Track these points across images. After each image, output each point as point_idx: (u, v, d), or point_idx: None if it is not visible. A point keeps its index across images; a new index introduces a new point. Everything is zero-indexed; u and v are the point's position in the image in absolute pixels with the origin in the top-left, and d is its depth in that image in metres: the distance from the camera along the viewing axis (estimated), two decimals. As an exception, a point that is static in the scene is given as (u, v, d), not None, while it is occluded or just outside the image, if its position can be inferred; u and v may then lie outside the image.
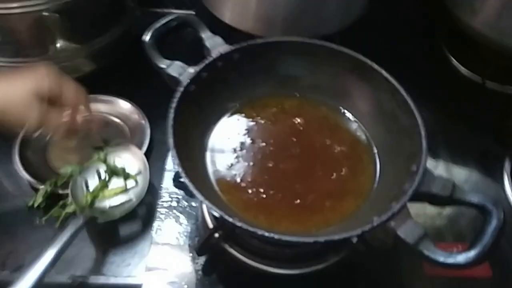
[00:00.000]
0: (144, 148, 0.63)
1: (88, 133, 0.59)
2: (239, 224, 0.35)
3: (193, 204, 0.56)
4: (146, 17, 0.74)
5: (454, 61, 0.71)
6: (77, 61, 0.68)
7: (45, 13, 0.60)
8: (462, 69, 0.70)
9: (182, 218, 0.55)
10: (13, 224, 0.57)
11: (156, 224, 0.54)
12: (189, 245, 0.51)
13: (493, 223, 0.35)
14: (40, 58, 0.65)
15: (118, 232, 0.58)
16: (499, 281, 0.49)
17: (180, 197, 0.57)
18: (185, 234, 0.53)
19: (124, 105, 0.68)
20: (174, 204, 0.56)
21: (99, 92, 0.69)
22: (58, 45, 0.65)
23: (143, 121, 0.66)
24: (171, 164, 0.60)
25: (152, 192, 0.59)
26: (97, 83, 0.70)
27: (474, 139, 0.64)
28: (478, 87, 0.68)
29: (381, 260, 0.50)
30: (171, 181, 0.58)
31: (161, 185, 0.58)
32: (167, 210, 0.56)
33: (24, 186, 0.60)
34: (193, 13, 0.78)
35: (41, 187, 0.58)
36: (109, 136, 0.65)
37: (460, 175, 0.60)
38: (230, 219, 0.35)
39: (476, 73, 0.68)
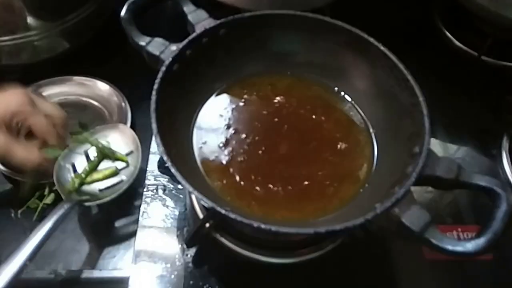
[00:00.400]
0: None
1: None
2: (233, 216, 0.32)
3: (179, 186, 0.53)
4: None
5: (448, 35, 0.68)
6: (49, 40, 0.63)
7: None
8: (457, 43, 0.67)
9: (169, 201, 0.52)
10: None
11: (142, 207, 0.51)
12: (177, 235, 0.48)
13: (503, 208, 0.33)
14: (10, 37, 0.60)
15: (101, 222, 0.55)
16: (499, 263, 0.48)
17: (166, 179, 0.54)
18: (172, 217, 0.50)
19: (103, 87, 0.64)
20: (161, 187, 0.53)
21: (75, 73, 0.65)
22: (27, 22, 0.61)
23: (123, 104, 0.62)
24: (155, 147, 0.56)
25: (137, 176, 0.56)
26: (72, 63, 0.66)
27: (471, 116, 0.62)
28: (474, 62, 0.65)
29: (379, 245, 0.48)
30: (156, 165, 0.55)
31: (147, 169, 0.55)
32: (153, 193, 0.52)
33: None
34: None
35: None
36: (87, 121, 0.61)
37: (457, 153, 0.58)
38: (223, 211, 0.32)
39: (471, 47, 0.66)
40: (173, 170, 0.34)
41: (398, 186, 0.35)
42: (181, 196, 0.52)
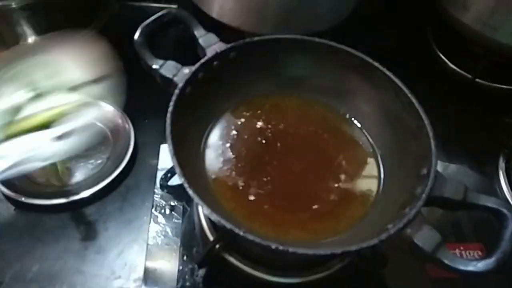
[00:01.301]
0: (129, 152, 0.60)
1: None
2: (251, 237, 0.33)
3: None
4: (126, 12, 0.70)
5: (443, 58, 0.71)
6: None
7: (16, 8, 0.56)
8: (451, 66, 0.70)
9: (177, 220, 0.52)
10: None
11: (150, 226, 0.52)
12: (186, 255, 0.48)
13: (510, 228, 0.35)
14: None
15: (104, 241, 0.54)
16: (503, 279, 0.49)
17: (173, 197, 0.54)
18: (180, 236, 0.50)
19: (105, 107, 0.64)
20: (168, 205, 0.54)
21: (77, 92, 0.65)
22: (31, 41, 0.61)
23: (126, 124, 0.62)
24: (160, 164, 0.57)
25: (141, 195, 0.56)
26: (75, 83, 0.66)
27: (467, 137, 0.64)
28: (468, 85, 0.68)
29: (384, 263, 0.49)
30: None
31: (155, 187, 0.55)
32: (160, 212, 0.53)
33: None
34: (174, 6, 0.74)
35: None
36: (89, 141, 0.61)
37: (454, 172, 0.60)
38: (241, 233, 0.33)
39: (466, 70, 0.68)
40: (190, 192, 0.35)
41: (409, 207, 0.36)
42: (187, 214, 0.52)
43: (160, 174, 0.54)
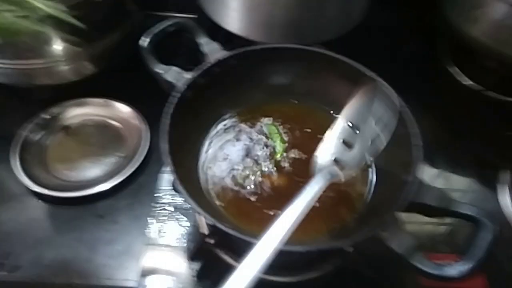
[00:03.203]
0: (144, 153, 0.64)
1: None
2: (231, 231, 0.35)
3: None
4: (148, 21, 0.74)
5: (456, 70, 0.71)
6: (78, 64, 0.68)
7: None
8: (463, 78, 0.69)
9: (184, 221, 0.55)
10: (10, 224, 0.57)
11: (156, 226, 0.55)
12: (185, 250, 0.51)
13: (486, 237, 0.35)
14: (41, 60, 0.65)
15: (113, 234, 0.58)
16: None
17: (179, 198, 0.57)
18: (183, 234, 0.53)
19: (123, 109, 0.68)
20: (176, 206, 0.57)
21: (99, 95, 0.70)
22: (59, 47, 0.66)
23: (142, 125, 0.67)
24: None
25: (151, 194, 0.60)
26: (97, 86, 0.71)
27: (474, 150, 0.64)
28: (479, 97, 0.67)
29: (376, 269, 0.49)
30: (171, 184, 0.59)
31: (160, 188, 0.59)
32: (169, 212, 0.56)
33: (22, 188, 0.61)
34: (195, 17, 0.78)
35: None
36: (107, 140, 0.66)
37: (459, 185, 0.60)
38: (222, 227, 0.35)
39: (477, 82, 0.68)
40: (179, 187, 0.37)
41: (386, 211, 0.37)
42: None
43: (165, 176, 0.57)
